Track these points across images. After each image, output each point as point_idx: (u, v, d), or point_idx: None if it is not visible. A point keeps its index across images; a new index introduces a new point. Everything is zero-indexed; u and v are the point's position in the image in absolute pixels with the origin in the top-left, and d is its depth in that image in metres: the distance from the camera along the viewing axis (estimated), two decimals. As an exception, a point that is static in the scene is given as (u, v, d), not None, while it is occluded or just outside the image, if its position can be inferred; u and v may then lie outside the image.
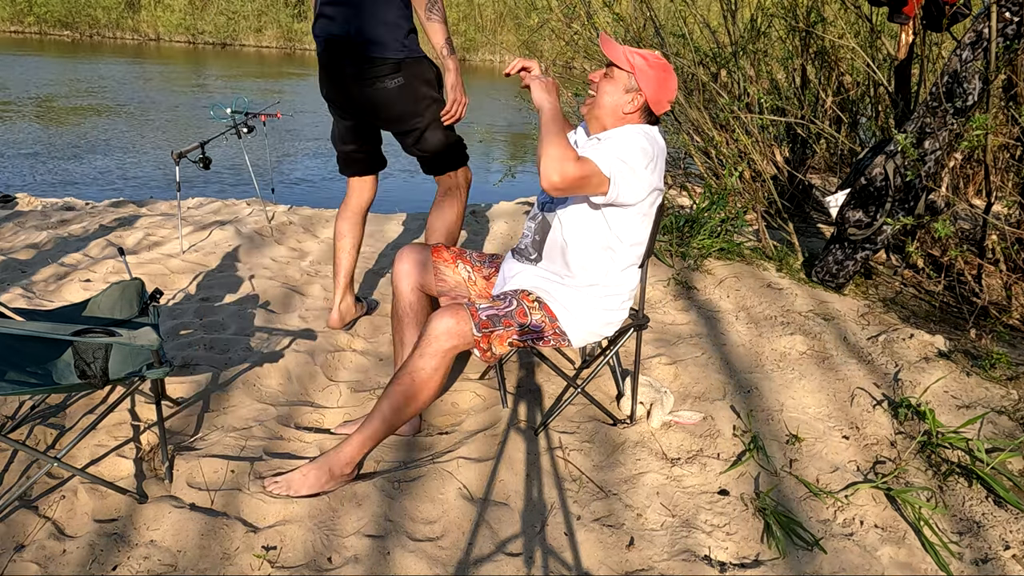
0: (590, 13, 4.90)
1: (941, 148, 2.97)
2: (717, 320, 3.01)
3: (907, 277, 3.64)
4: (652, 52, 1.94)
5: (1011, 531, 1.82)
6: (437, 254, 2.16)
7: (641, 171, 1.82)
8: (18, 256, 3.55)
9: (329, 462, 1.83)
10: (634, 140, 1.85)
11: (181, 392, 2.29)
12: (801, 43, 4.44)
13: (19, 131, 8.85)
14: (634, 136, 1.86)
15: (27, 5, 22.94)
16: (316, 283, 3.41)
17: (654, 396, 2.23)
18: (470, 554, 1.66)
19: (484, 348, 1.82)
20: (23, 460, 1.89)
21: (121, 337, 1.80)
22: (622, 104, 1.91)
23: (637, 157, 1.81)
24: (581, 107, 2.00)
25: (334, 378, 2.52)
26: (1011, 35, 2.72)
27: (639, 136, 1.86)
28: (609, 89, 1.91)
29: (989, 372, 2.55)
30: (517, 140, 11.06)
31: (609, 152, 1.79)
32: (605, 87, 1.92)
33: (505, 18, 26.16)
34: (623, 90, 1.91)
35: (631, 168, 1.80)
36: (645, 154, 1.83)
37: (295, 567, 1.60)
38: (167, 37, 24.47)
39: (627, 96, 1.91)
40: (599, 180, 1.76)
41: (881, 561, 1.72)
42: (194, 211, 4.83)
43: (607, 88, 1.92)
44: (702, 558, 1.68)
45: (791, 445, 2.15)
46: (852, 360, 2.66)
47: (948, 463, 2.07)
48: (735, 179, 3.95)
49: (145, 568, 1.57)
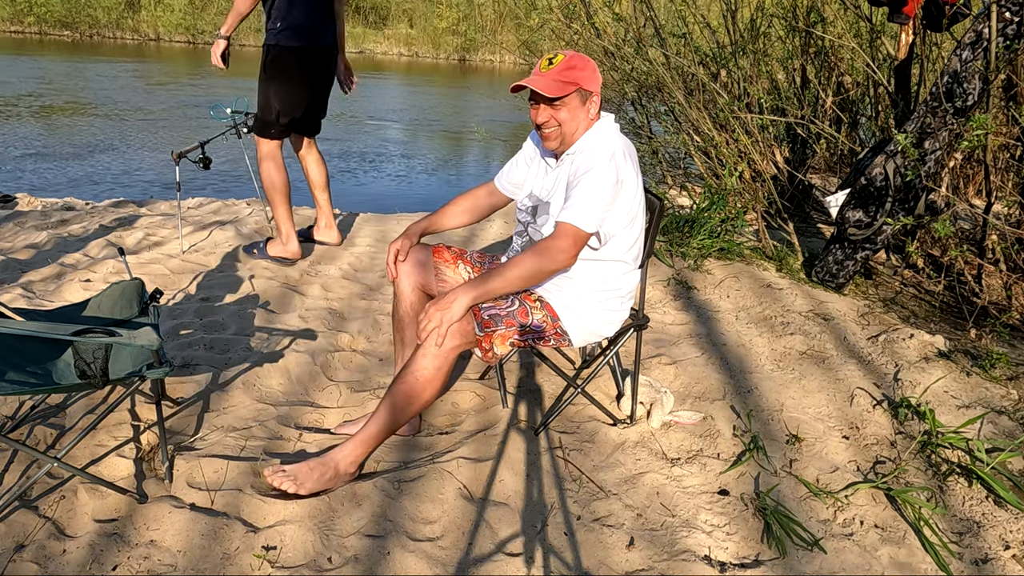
0: (590, 13, 4.90)
1: (941, 148, 2.97)
2: (717, 320, 3.01)
3: (907, 277, 3.64)
4: (563, 56, 1.86)
5: (1011, 531, 1.82)
6: (438, 254, 2.16)
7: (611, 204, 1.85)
8: (18, 256, 3.55)
9: (334, 460, 1.83)
10: (603, 178, 1.82)
11: (181, 392, 2.29)
12: (801, 43, 4.44)
13: (19, 131, 8.85)
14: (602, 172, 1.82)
15: (27, 5, 22.92)
16: (316, 283, 3.41)
17: (654, 396, 2.23)
18: (470, 554, 1.66)
19: (486, 348, 1.82)
20: (23, 460, 1.89)
21: (121, 337, 1.80)
22: (585, 115, 1.89)
23: (608, 195, 1.83)
24: (546, 144, 1.93)
25: (334, 378, 2.52)
26: (1011, 35, 2.72)
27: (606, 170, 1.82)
28: (567, 116, 1.87)
29: (989, 372, 2.55)
30: (517, 139, 11.07)
31: (582, 210, 1.80)
32: (562, 115, 1.86)
33: (505, 18, 26.15)
34: (580, 104, 1.87)
35: (604, 212, 1.84)
36: (614, 186, 1.83)
37: (295, 567, 1.60)
38: (167, 37, 24.45)
39: (586, 106, 1.88)
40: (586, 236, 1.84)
41: (881, 561, 1.72)
42: (194, 211, 4.83)
43: (565, 116, 1.87)
44: (702, 558, 1.68)
45: (791, 445, 2.15)
46: (852, 360, 2.66)
47: (948, 463, 2.07)
48: (735, 179, 3.95)
49: (145, 568, 1.57)
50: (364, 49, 27.09)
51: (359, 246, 4.13)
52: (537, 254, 1.81)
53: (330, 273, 3.57)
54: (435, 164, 9.15)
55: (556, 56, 1.85)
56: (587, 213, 1.80)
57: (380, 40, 27.67)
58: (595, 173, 1.82)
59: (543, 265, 1.81)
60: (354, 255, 3.92)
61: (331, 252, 3.96)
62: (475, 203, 2.22)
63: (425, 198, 7.27)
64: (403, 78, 20.44)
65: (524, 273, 1.81)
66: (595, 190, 1.81)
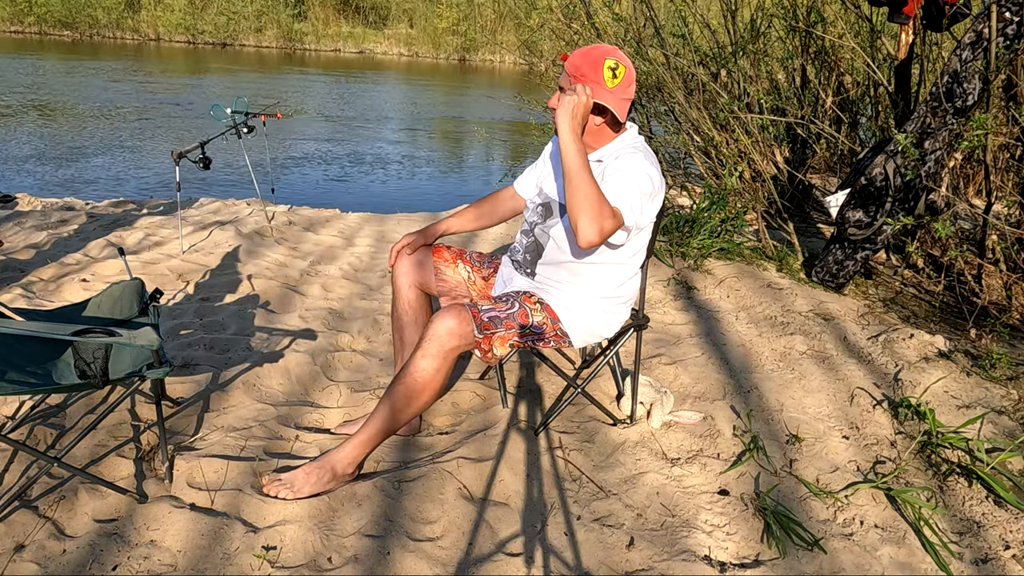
0: (590, 13, 4.90)
1: (941, 148, 2.97)
2: (717, 320, 3.01)
3: (907, 277, 3.64)
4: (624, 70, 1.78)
5: (1011, 531, 1.82)
6: (437, 254, 2.16)
7: (648, 204, 1.81)
8: (18, 256, 3.55)
9: (331, 462, 1.83)
10: (640, 175, 1.78)
11: (181, 392, 2.29)
12: (801, 43, 4.44)
13: (19, 131, 8.84)
14: (637, 169, 1.79)
15: (27, 5, 22.92)
16: (316, 283, 3.41)
17: (654, 396, 2.23)
18: (470, 554, 1.66)
19: (485, 349, 1.82)
20: (23, 460, 1.89)
21: (121, 337, 1.80)
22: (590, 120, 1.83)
23: (647, 192, 1.79)
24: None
25: (334, 378, 2.51)
26: (1011, 35, 2.72)
27: (640, 166, 1.79)
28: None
29: (989, 372, 2.55)
30: (517, 139, 11.07)
31: (625, 195, 1.74)
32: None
33: (505, 18, 26.16)
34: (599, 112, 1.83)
35: (642, 205, 1.79)
36: (652, 183, 1.80)
37: (295, 567, 1.60)
38: (167, 37, 24.46)
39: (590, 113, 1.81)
40: (623, 228, 1.76)
41: (881, 561, 1.72)
42: (194, 211, 4.83)
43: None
44: (702, 558, 1.68)
45: (791, 445, 2.15)
46: (852, 360, 2.66)
47: (948, 463, 2.07)
48: (735, 179, 3.95)
49: (145, 568, 1.57)
50: (364, 49, 27.09)
51: (359, 246, 4.13)
52: (599, 204, 1.64)
53: (330, 273, 3.57)
54: (435, 164, 9.15)
55: (619, 68, 1.76)
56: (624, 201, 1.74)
57: (380, 40, 27.69)
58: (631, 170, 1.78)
59: (595, 211, 1.62)
60: (354, 255, 3.92)
61: (331, 252, 3.97)
62: (494, 207, 2.22)
63: (425, 198, 7.27)
64: (403, 78, 20.44)
65: (581, 194, 1.63)
66: (631, 183, 1.76)
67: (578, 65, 1.77)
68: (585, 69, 1.76)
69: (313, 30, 26.82)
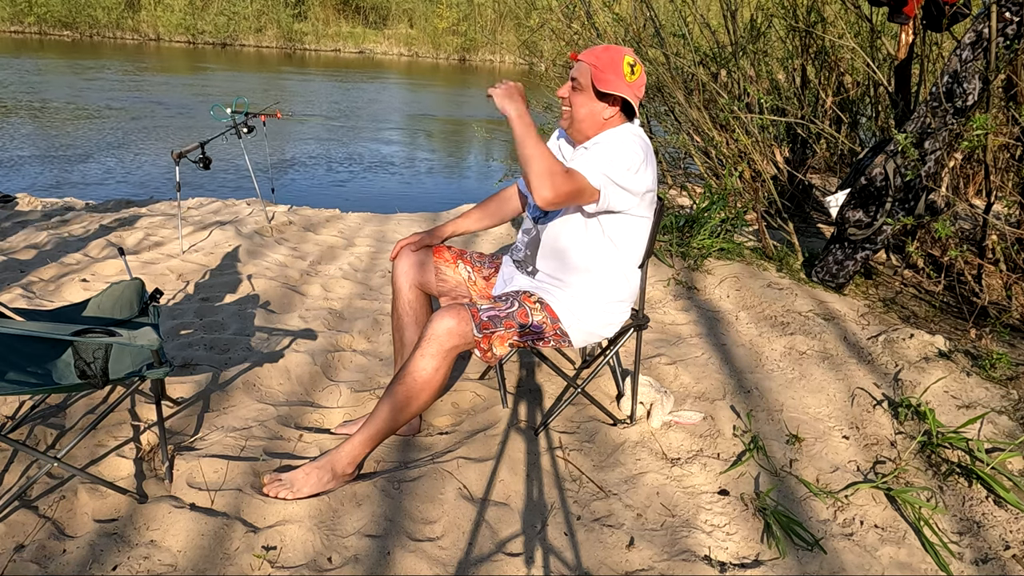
0: (590, 13, 4.90)
1: (941, 148, 2.97)
2: (717, 320, 3.01)
3: (907, 277, 3.64)
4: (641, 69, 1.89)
5: (1011, 531, 1.82)
6: (438, 254, 2.16)
7: (631, 176, 1.81)
8: (18, 256, 3.55)
9: (331, 462, 1.83)
10: (623, 146, 1.81)
11: (181, 392, 2.29)
12: (801, 43, 4.44)
13: (19, 131, 8.85)
14: (622, 141, 1.83)
15: (27, 5, 22.93)
16: (316, 283, 3.41)
17: (654, 396, 2.23)
18: (470, 554, 1.66)
19: (485, 349, 1.82)
20: (23, 460, 1.89)
21: (121, 337, 1.80)
22: (599, 111, 1.89)
23: (627, 163, 1.79)
24: (560, 122, 1.97)
25: (334, 378, 2.51)
26: (1011, 35, 2.72)
27: (628, 140, 1.83)
28: (583, 100, 1.88)
29: (989, 372, 2.55)
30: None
31: (597, 161, 1.77)
32: (577, 99, 1.88)
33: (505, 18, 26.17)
34: (596, 98, 1.87)
35: (620, 176, 1.79)
36: (636, 157, 1.81)
37: (295, 567, 1.60)
38: (167, 37, 24.47)
39: (602, 103, 1.88)
40: (590, 192, 1.76)
41: (881, 561, 1.72)
42: (194, 211, 4.83)
43: (580, 100, 1.88)
44: (702, 558, 1.68)
45: (791, 445, 2.15)
46: (852, 360, 2.66)
47: (948, 463, 2.07)
48: (735, 179, 3.95)
49: (145, 568, 1.57)
50: (364, 49, 27.10)
51: (359, 246, 4.13)
52: (548, 161, 1.68)
53: (330, 273, 3.57)
54: (435, 164, 9.15)
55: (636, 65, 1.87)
56: (594, 165, 1.75)
57: (380, 40, 27.70)
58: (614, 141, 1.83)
59: (545, 168, 1.66)
60: (354, 255, 3.93)
61: (331, 252, 3.97)
62: (499, 206, 2.23)
63: (426, 198, 7.27)
64: (403, 78, 20.44)
65: (529, 154, 1.68)
66: (609, 152, 1.79)
67: (599, 57, 1.86)
68: (606, 62, 1.85)
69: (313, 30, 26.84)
